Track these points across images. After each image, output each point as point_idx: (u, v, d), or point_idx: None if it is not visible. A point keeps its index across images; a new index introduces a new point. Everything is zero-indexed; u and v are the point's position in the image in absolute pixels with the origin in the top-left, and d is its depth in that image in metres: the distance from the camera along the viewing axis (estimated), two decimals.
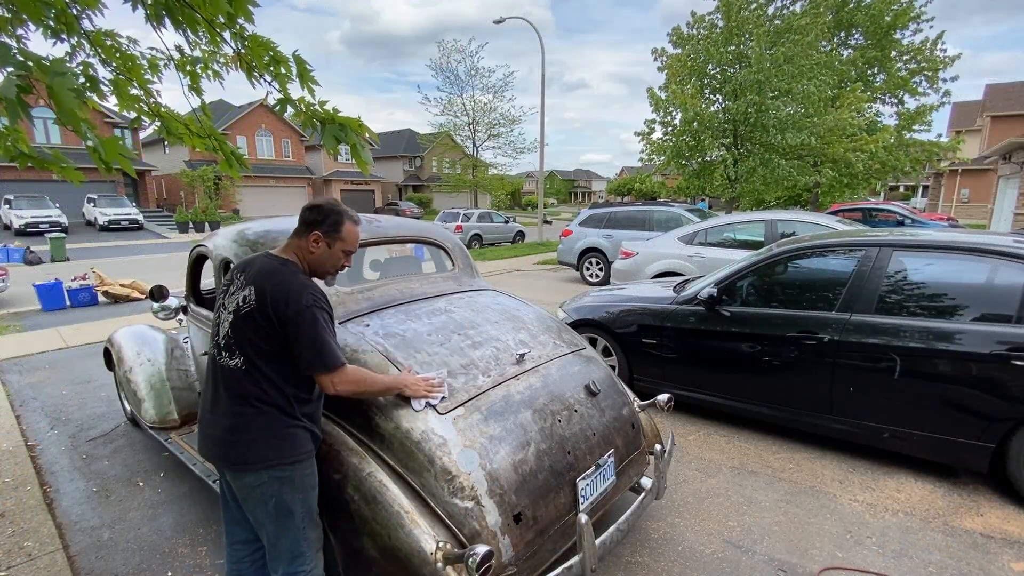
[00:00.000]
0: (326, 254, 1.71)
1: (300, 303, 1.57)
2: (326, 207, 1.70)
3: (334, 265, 1.74)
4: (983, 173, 26.65)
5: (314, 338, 1.57)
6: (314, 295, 1.61)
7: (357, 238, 1.75)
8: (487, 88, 26.50)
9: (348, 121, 2.37)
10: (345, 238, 1.72)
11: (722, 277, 3.86)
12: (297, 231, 1.72)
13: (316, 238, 1.68)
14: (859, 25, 18.02)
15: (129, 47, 2.67)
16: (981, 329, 2.83)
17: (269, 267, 1.65)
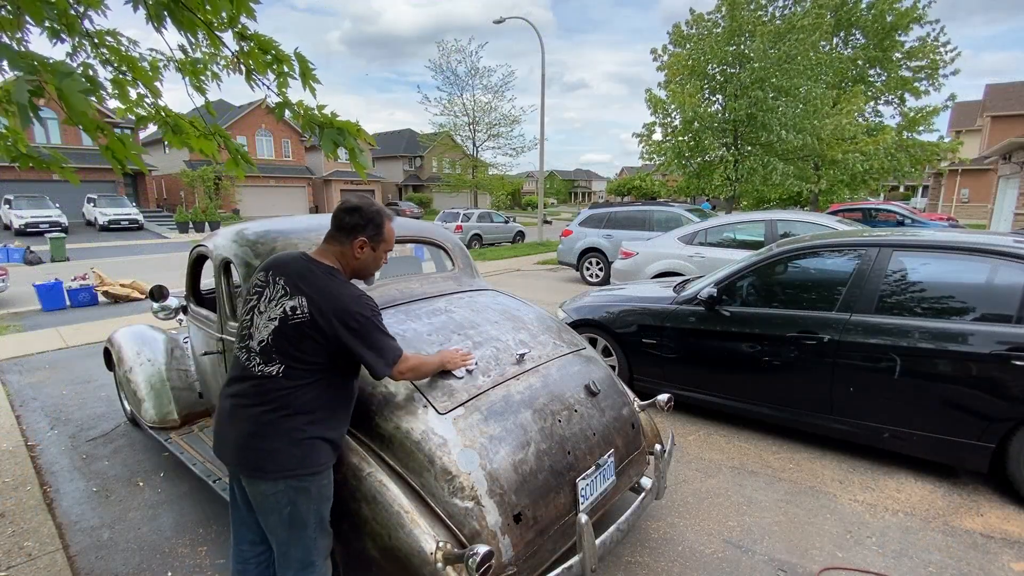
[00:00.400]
0: (371, 258, 1.70)
1: (362, 317, 1.58)
2: (367, 210, 1.66)
3: (377, 267, 1.74)
4: (983, 173, 26.65)
5: (377, 345, 1.61)
6: (369, 305, 1.61)
7: (394, 235, 1.75)
8: (487, 88, 26.52)
9: (346, 125, 2.37)
10: (387, 239, 1.72)
11: (722, 277, 3.86)
12: (336, 237, 1.67)
13: (361, 244, 1.66)
14: (860, 25, 18.03)
15: (130, 48, 2.67)
16: (981, 329, 2.83)
17: (320, 279, 1.60)
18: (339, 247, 1.67)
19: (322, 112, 2.39)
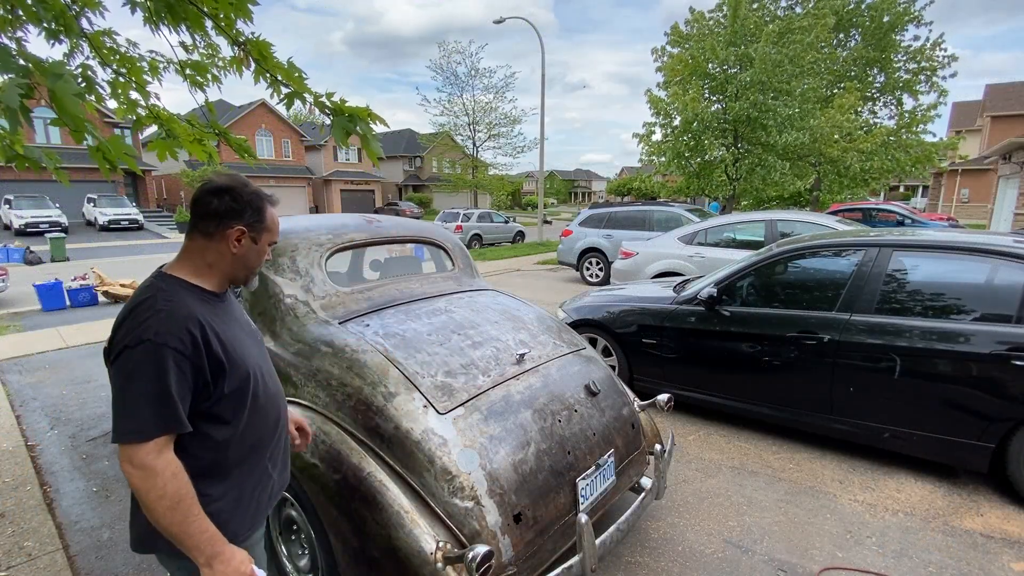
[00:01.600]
0: (252, 252, 1.29)
1: (123, 346, 1.10)
2: (241, 190, 1.25)
3: (258, 265, 1.34)
4: (983, 173, 26.64)
5: (120, 399, 1.10)
6: (158, 325, 1.10)
7: (278, 224, 1.38)
8: (488, 88, 26.53)
9: (357, 111, 2.34)
10: (271, 227, 1.33)
11: (722, 277, 3.86)
12: (201, 229, 1.24)
13: (239, 234, 1.25)
14: (859, 26, 18.03)
15: (129, 49, 2.68)
16: (981, 329, 2.83)
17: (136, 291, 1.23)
18: (204, 242, 1.24)
19: (331, 99, 2.36)
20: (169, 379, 1.09)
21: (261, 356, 1.38)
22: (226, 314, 1.30)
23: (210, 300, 1.26)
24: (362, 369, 1.95)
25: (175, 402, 1.10)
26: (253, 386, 1.27)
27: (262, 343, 1.45)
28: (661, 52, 16.02)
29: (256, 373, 1.29)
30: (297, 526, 2.09)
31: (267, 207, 1.31)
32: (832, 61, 15.89)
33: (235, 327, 1.30)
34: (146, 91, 2.66)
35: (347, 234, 2.61)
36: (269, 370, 1.39)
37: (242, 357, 1.25)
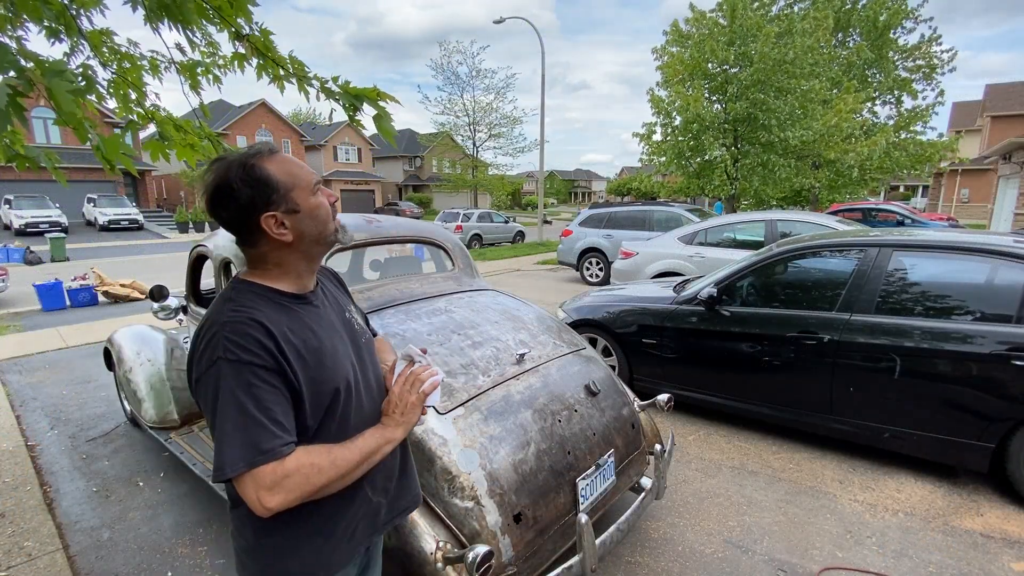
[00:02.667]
0: (306, 220, 1.04)
1: (203, 360, 0.97)
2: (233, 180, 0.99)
3: (327, 217, 1.08)
4: (983, 173, 26.65)
5: (218, 426, 0.94)
6: (228, 339, 0.94)
7: (298, 165, 1.07)
8: (488, 89, 26.55)
9: (364, 91, 2.31)
10: (294, 181, 1.03)
11: (722, 277, 3.86)
12: (240, 241, 1.07)
13: (273, 222, 1.02)
14: (855, 26, 18.03)
15: (129, 48, 2.67)
16: (981, 329, 2.83)
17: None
18: (253, 249, 1.06)
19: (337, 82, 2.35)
20: (257, 397, 0.93)
21: (361, 367, 1.15)
22: (312, 318, 1.08)
23: (289, 304, 1.06)
24: None
25: (269, 421, 0.94)
26: (342, 405, 1.07)
27: (369, 349, 1.22)
28: (661, 51, 16.02)
29: (349, 388, 1.08)
30: None
31: (268, 171, 1.00)
32: (832, 61, 15.88)
33: (325, 333, 1.09)
34: (143, 92, 2.66)
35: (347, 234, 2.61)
36: (371, 383, 1.17)
37: (330, 370, 1.05)
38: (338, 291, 1.29)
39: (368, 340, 1.25)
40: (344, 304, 1.24)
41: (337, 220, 1.12)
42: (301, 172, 1.06)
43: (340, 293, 1.29)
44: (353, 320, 1.23)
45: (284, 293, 1.07)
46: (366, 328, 1.30)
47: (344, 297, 1.29)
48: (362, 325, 1.27)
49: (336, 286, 1.31)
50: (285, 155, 1.06)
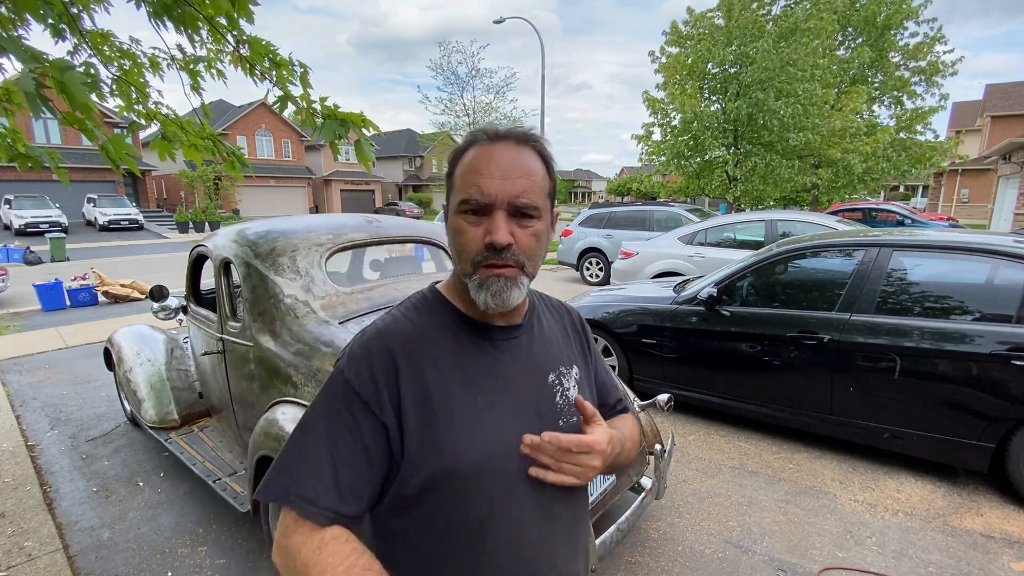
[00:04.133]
0: (451, 229, 0.80)
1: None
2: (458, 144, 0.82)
3: (463, 246, 0.77)
4: (983, 173, 26.65)
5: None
6: (351, 351, 0.81)
7: (481, 169, 0.76)
8: (489, 89, 26.56)
9: (350, 116, 2.35)
10: (462, 176, 0.78)
11: (722, 277, 3.86)
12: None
13: (445, 210, 0.85)
14: (855, 26, 18.01)
15: (131, 46, 2.68)
16: (981, 329, 2.83)
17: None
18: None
19: (324, 104, 2.38)
20: (325, 426, 0.76)
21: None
22: (483, 358, 0.82)
23: (461, 331, 0.82)
24: None
25: (323, 467, 0.73)
26: (470, 492, 0.76)
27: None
28: (659, 53, 16.03)
29: (483, 473, 0.76)
30: None
31: (466, 150, 0.79)
32: (833, 62, 15.90)
33: (495, 385, 0.81)
34: (145, 92, 2.66)
35: (347, 234, 2.61)
36: (541, 484, 0.78)
37: (465, 440, 0.76)
38: (566, 341, 0.94)
39: (570, 425, 0.85)
40: (560, 362, 0.89)
41: (472, 267, 0.77)
42: (474, 180, 0.75)
43: (569, 344, 0.94)
44: (560, 387, 0.87)
45: (463, 316, 0.84)
46: (572, 411, 0.86)
47: (572, 351, 0.94)
48: (571, 402, 0.87)
49: (569, 334, 0.97)
50: (500, 147, 0.77)
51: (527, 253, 0.77)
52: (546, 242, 0.81)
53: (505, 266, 0.76)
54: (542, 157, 0.81)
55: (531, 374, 0.85)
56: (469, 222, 0.76)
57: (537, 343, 0.88)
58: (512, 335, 0.85)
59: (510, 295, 0.77)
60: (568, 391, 0.88)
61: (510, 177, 0.75)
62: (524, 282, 0.78)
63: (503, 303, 0.77)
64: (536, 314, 0.92)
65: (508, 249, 0.75)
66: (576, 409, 0.84)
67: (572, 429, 0.83)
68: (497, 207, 0.75)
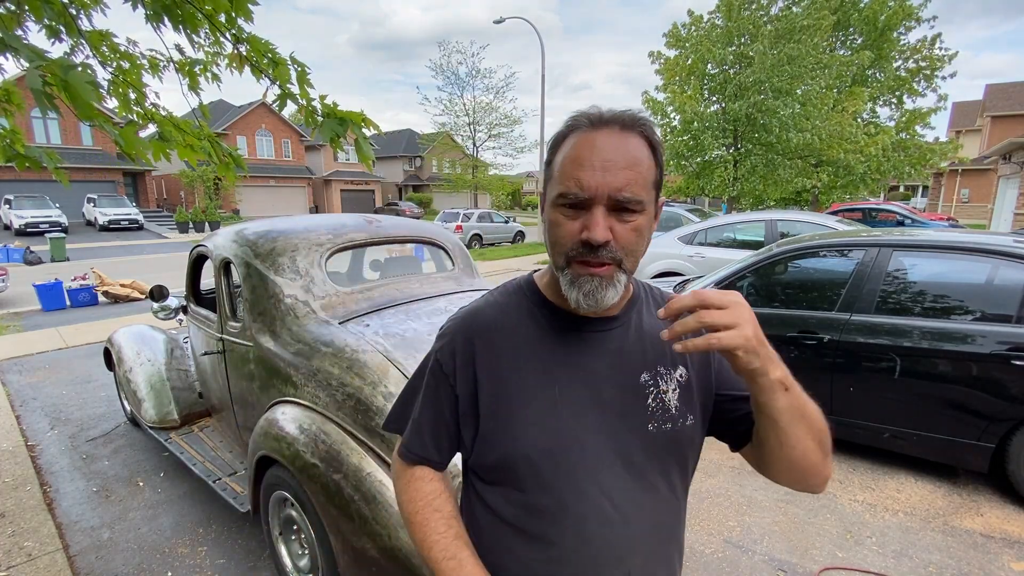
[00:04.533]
0: (547, 221, 0.77)
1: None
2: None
3: (560, 239, 0.74)
4: (983, 173, 26.65)
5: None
6: (448, 325, 0.89)
7: (583, 159, 0.71)
8: (488, 88, 26.58)
9: (350, 115, 2.35)
10: (560, 165, 0.74)
11: (722, 277, 3.86)
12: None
13: (542, 199, 0.82)
14: (855, 26, 18.00)
15: (129, 47, 2.68)
16: (981, 329, 2.83)
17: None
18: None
19: (324, 103, 2.37)
20: (422, 389, 0.88)
21: (605, 458, 0.77)
22: (571, 353, 0.80)
23: (543, 319, 0.82)
24: (362, 369, 1.94)
25: (416, 420, 0.89)
26: (543, 494, 0.77)
27: (655, 447, 0.80)
28: (658, 55, 16.05)
29: (567, 475, 0.76)
30: (297, 526, 2.09)
31: (567, 136, 0.75)
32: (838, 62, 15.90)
33: (574, 378, 0.79)
34: (142, 92, 2.66)
35: (347, 234, 2.61)
36: (613, 495, 0.77)
37: (534, 429, 0.77)
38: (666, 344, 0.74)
39: (662, 432, 0.80)
40: (659, 361, 0.82)
41: (566, 263, 0.74)
42: (573, 170, 0.71)
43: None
44: (655, 389, 0.80)
45: (551, 305, 0.83)
46: (667, 416, 0.80)
47: (671, 355, 0.82)
48: (667, 407, 0.81)
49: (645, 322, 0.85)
50: (603, 135, 0.71)
51: (626, 249, 0.73)
52: (648, 236, 0.76)
53: (601, 264, 0.72)
54: (650, 144, 0.74)
55: (619, 371, 0.80)
56: (566, 215, 0.73)
57: (633, 339, 0.82)
58: (602, 328, 0.82)
59: (604, 295, 0.73)
60: (665, 394, 0.81)
61: (612, 169, 0.70)
62: (621, 280, 0.74)
63: (596, 303, 0.73)
64: (638, 308, 0.86)
65: (605, 246, 0.71)
66: (677, 415, 0.81)
67: (664, 436, 0.80)
68: (597, 202, 0.70)
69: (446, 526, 0.82)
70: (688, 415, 0.83)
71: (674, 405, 0.81)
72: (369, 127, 2.38)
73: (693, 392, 0.84)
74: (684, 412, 0.82)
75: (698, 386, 0.84)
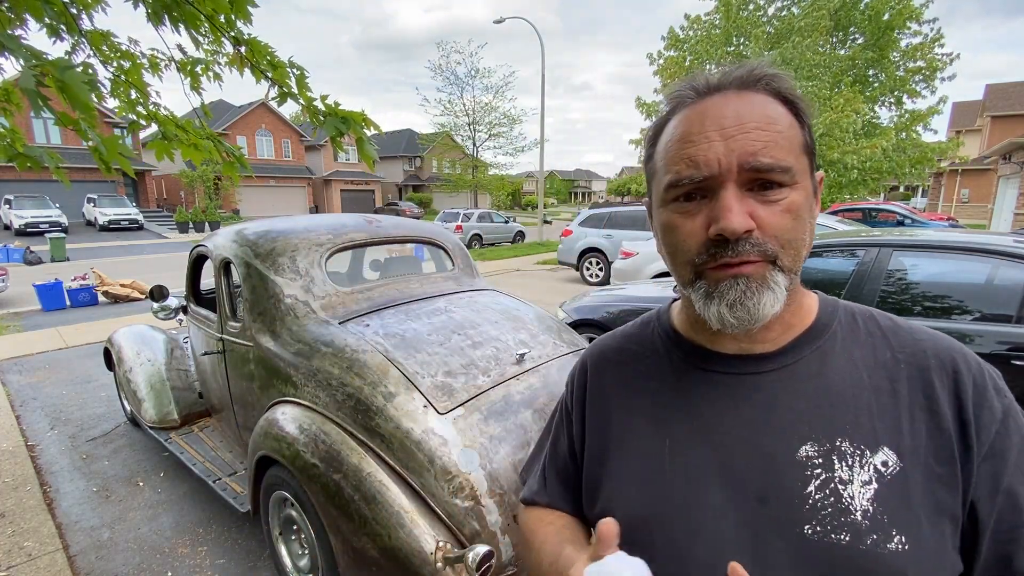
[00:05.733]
0: (658, 226, 0.61)
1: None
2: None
3: (677, 245, 0.57)
4: (983, 173, 26.65)
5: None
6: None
7: (687, 141, 0.54)
8: (488, 88, 26.62)
9: (351, 115, 2.36)
10: (662, 154, 0.58)
11: None
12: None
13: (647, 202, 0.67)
14: (857, 25, 18.00)
15: (130, 46, 2.68)
16: (981, 329, 2.83)
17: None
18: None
19: (325, 102, 2.38)
20: (551, 427, 0.79)
21: (740, 543, 0.54)
22: (692, 399, 0.61)
23: (678, 354, 0.65)
24: (362, 369, 1.95)
25: (545, 453, 0.78)
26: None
27: (801, 547, 0.53)
28: (657, 56, 16.08)
29: (669, 556, 0.56)
30: (297, 526, 2.09)
31: (668, 119, 0.59)
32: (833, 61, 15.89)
33: (693, 432, 0.60)
34: (144, 92, 2.66)
35: (347, 234, 2.61)
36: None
37: (630, 491, 0.62)
38: (886, 402, 0.55)
39: (824, 543, 0.51)
40: (840, 432, 0.55)
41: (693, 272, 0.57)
42: (677, 158, 0.55)
43: (889, 409, 0.55)
44: (822, 473, 0.53)
45: (677, 336, 0.66)
46: (844, 523, 0.51)
47: (892, 424, 0.54)
48: (845, 507, 0.52)
49: (902, 392, 0.56)
50: (715, 101, 0.55)
51: (781, 237, 0.54)
52: (810, 220, 0.57)
53: (745, 262, 0.52)
54: (784, 100, 0.54)
55: (759, 431, 0.56)
56: (682, 212, 0.54)
57: (801, 390, 0.57)
58: (743, 369, 0.59)
59: (759, 302, 0.53)
60: (843, 486, 0.52)
61: (737, 133, 0.51)
62: (779, 281, 0.55)
63: (749, 316, 0.53)
64: (823, 344, 0.60)
65: (748, 237, 0.52)
66: (867, 525, 0.50)
67: (833, 554, 0.50)
68: (724, 179, 0.51)
69: (556, 535, 0.68)
70: (895, 534, 0.50)
71: (861, 507, 0.51)
72: (370, 127, 2.39)
73: (913, 497, 0.51)
74: (885, 526, 0.50)
75: (924, 488, 0.51)
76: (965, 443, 0.52)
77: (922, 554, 0.49)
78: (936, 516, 0.51)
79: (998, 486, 0.51)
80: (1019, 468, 0.51)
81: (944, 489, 0.51)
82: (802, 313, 0.61)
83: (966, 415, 0.53)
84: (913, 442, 0.53)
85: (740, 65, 0.55)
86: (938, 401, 0.54)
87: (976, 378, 0.55)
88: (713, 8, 15.34)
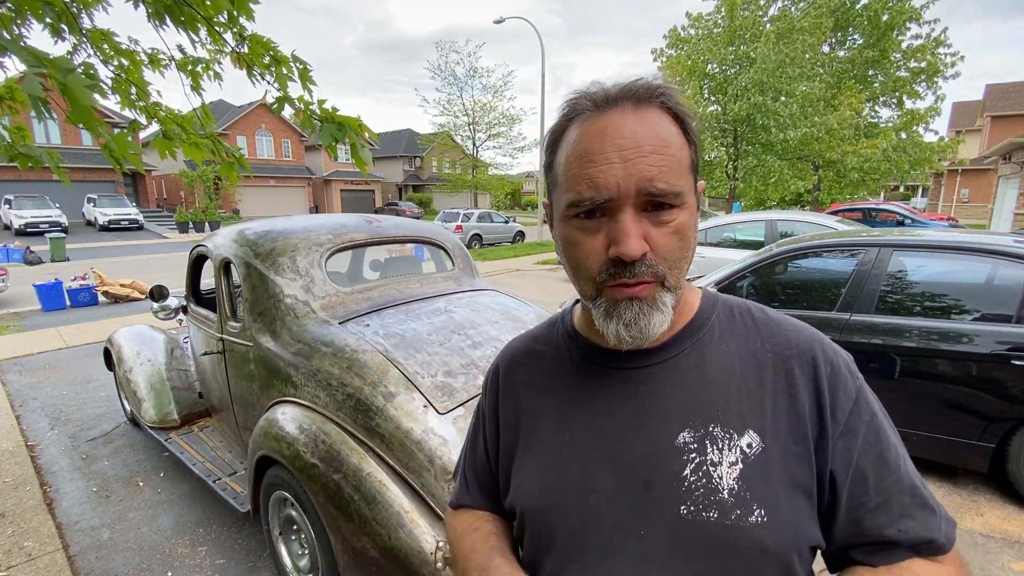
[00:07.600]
0: (557, 237, 0.64)
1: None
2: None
3: (576, 259, 0.60)
4: (983, 173, 26.65)
5: None
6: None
7: (593, 151, 0.56)
8: (487, 88, 26.63)
9: (347, 120, 2.37)
10: (563, 164, 0.59)
11: (722, 277, 3.86)
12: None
13: (547, 210, 0.68)
14: (856, 25, 17.99)
15: (130, 46, 2.68)
16: (981, 329, 2.83)
17: None
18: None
19: (322, 107, 2.38)
20: (473, 427, 0.82)
21: (624, 524, 0.58)
22: (589, 391, 0.66)
23: (578, 352, 0.69)
24: (362, 369, 1.95)
25: (464, 456, 0.83)
26: (545, 555, 0.64)
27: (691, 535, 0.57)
28: (659, 54, 16.08)
29: (568, 542, 0.61)
30: (297, 526, 2.09)
31: (567, 127, 0.60)
32: (833, 61, 15.89)
33: (588, 423, 0.64)
34: (145, 91, 2.66)
35: (347, 234, 2.61)
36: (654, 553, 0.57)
37: (534, 480, 0.66)
38: (752, 388, 0.61)
39: (697, 521, 0.56)
40: (713, 418, 0.59)
41: (592, 286, 0.59)
42: (581, 175, 0.56)
43: (755, 394, 0.60)
44: (696, 456, 0.58)
45: (581, 338, 0.70)
46: (713, 502, 0.56)
47: (757, 409, 0.59)
48: (716, 487, 0.57)
49: (766, 379, 0.61)
50: (614, 116, 0.56)
51: (669, 259, 0.56)
52: (693, 237, 0.59)
53: (640, 283, 0.56)
54: (675, 116, 0.58)
55: (644, 421, 0.61)
56: (584, 229, 0.57)
57: (681, 380, 0.62)
58: (631, 363, 0.64)
59: (650, 322, 0.56)
60: (713, 467, 0.57)
61: (635, 157, 0.54)
62: (667, 301, 0.57)
63: (641, 334, 0.57)
64: (702, 337, 0.64)
65: (643, 260, 0.55)
66: (732, 502, 0.55)
67: (705, 531, 0.55)
68: (622, 203, 0.54)
69: (483, 542, 0.71)
70: (756, 508, 0.55)
71: (728, 486, 0.56)
72: (365, 134, 2.40)
73: (772, 474, 0.57)
74: (747, 501, 0.55)
75: (781, 471, 0.57)
76: (821, 424, 0.59)
77: (778, 524, 0.55)
78: (792, 490, 0.57)
79: (850, 460, 0.58)
80: (867, 443, 0.58)
81: (800, 466, 0.58)
82: (685, 310, 0.66)
83: (822, 398, 0.59)
84: (774, 424, 0.59)
85: (636, 78, 0.58)
86: (797, 386, 0.60)
87: (832, 364, 0.62)
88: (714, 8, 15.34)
